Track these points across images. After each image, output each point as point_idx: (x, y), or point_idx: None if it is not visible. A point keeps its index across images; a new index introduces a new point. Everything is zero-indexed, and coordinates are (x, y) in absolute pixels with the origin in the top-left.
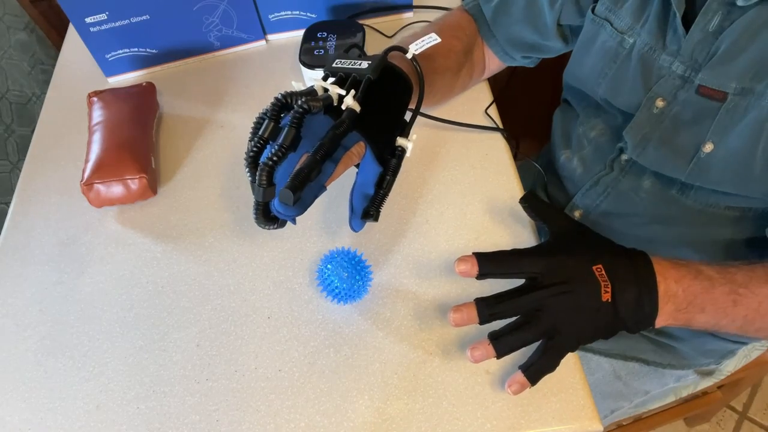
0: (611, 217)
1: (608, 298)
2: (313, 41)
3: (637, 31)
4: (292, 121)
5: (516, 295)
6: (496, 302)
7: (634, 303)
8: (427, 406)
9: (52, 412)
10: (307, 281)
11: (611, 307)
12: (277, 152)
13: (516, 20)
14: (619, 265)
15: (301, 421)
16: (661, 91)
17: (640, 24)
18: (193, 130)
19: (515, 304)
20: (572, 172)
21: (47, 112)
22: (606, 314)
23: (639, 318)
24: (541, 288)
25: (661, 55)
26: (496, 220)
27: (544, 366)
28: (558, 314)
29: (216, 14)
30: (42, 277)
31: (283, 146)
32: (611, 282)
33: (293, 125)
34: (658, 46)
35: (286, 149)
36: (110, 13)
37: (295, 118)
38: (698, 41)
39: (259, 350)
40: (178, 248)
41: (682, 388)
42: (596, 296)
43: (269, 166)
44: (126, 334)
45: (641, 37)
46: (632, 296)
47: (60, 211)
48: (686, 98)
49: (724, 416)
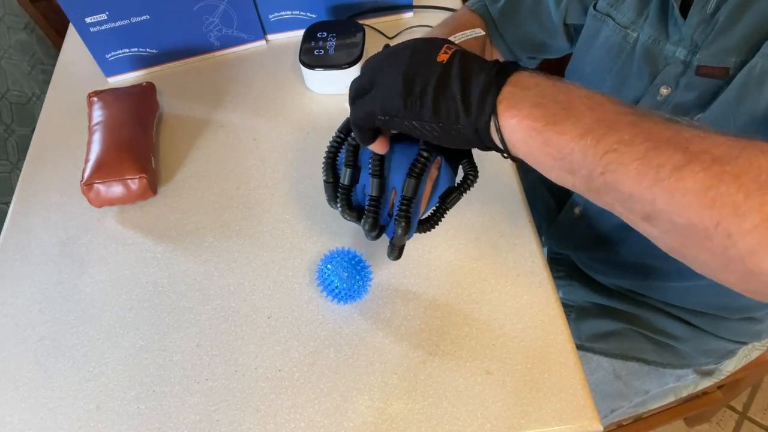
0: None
1: (444, 60)
2: (313, 41)
3: (640, 24)
4: (373, 171)
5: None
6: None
7: (474, 71)
8: (427, 406)
9: (52, 412)
10: (307, 281)
11: (442, 67)
12: (372, 206)
13: (523, 20)
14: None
15: (301, 421)
16: (665, 78)
17: (643, 18)
18: (193, 130)
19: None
20: None
21: (47, 112)
22: (434, 72)
23: (471, 81)
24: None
25: (665, 46)
26: (496, 220)
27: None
28: (381, 62)
29: (216, 14)
30: (42, 277)
31: (374, 198)
32: (455, 50)
33: (376, 174)
34: (662, 38)
35: (378, 198)
36: (110, 13)
37: (376, 168)
38: (697, 24)
39: (259, 350)
40: (178, 248)
41: (682, 388)
42: (432, 54)
43: (371, 218)
44: (126, 334)
45: (644, 30)
46: (475, 66)
47: (60, 211)
48: (688, 82)
49: (724, 416)
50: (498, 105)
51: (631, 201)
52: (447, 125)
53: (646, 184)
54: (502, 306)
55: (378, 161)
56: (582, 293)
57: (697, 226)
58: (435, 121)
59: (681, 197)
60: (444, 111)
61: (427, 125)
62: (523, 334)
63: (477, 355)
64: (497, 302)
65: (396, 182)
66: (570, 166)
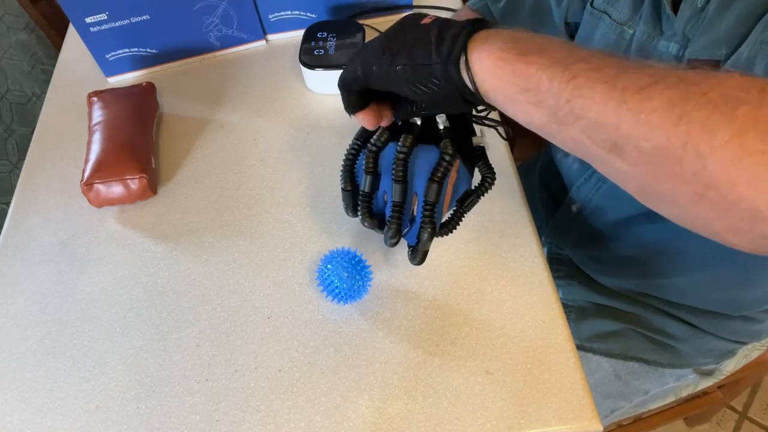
0: (605, 211)
1: (427, 22)
2: (313, 41)
3: (635, 21)
4: (396, 176)
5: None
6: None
7: (451, 23)
8: (427, 406)
9: (52, 412)
10: (307, 281)
11: (424, 26)
12: (395, 212)
13: (524, 20)
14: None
15: (301, 421)
16: None
17: (638, 15)
18: (193, 130)
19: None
20: (569, 167)
21: (47, 112)
22: (415, 29)
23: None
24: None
25: (659, 42)
26: (496, 220)
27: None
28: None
29: (216, 14)
30: (42, 277)
31: (398, 204)
32: (437, 17)
33: (399, 180)
34: (656, 34)
35: (402, 203)
36: (110, 13)
37: (400, 173)
38: (688, 18)
39: (259, 350)
40: (178, 248)
41: (682, 388)
42: (417, 20)
43: (395, 224)
44: (126, 334)
45: (640, 27)
46: (453, 21)
47: (60, 211)
48: None
49: (724, 416)
50: (470, 43)
51: (597, 128)
52: (418, 70)
53: (612, 106)
54: (502, 306)
55: (402, 166)
56: (582, 293)
57: (666, 148)
58: (408, 63)
59: (646, 117)
60: (417, 53)
61: (401, 72)
62: (523, 334)
63: (477, 355)
64: (497, 302)
65: (418, 187)
66: (537, 98)
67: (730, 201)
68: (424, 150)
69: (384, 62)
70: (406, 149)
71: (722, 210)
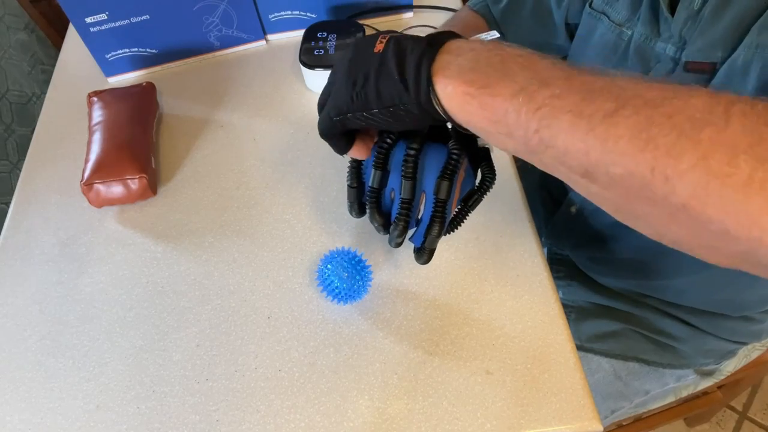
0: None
1: (380, 49)
2: (313, 41)
3: (633, 23)
4: (406, 173)
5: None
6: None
7: (408, 50)
8: (427, 406)
9: (52, 412)
10: (307, 281)
11: (379, 56)
12: (404, 210)
13: (525, 21)
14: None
15: (301, 421)
16: (656, 76)
17: (637, 16)
18: (193, 130)
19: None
20: None
21: (47, 112)
22: (372, 62)
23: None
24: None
25: (657, 43)
26: (496, 220)
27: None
28: (336, 69)
29: (216, 14)
30: (42, 277)
31: (407, 201)
32: (389, 37)
33: (408, 177)
34: (653, 35)
35: (410, 201)
36: (110, 13)
37: (409, 170)
38: (685, 20)
39: (259, 350)
40: (178, 248)
41: (682, 388)
42: (370, 48)
43: (402, 223)
44: (126, 334)
45: (638, 28)
46: (408, 44)
47: (60, 211)
48: (678, 78)
49: (724, 416)
50: (433, 75)
51: (568, 156)
52: (394, 108)
53: (579, 135)
54: (502, 306)
55: (412, 163)
56: (582, 293)
57: (634, 173)
58: (381, 106)
59: (613, 144)
60: (387, 95)
61: (378, 114)
62: (523, 334)
63: (477, 355)
64: (497, 302)
65: (427, 185)
66: (507, 129)
67: (701, 222)
68: (432, 148)
69: (356, 107)
70: (417, 146)
71: (694, 230)
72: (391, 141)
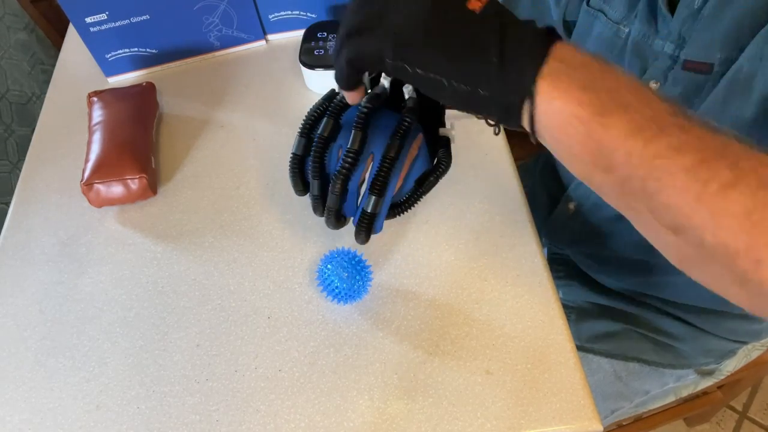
0: (601, 208)
1: (477, 8)
2: (313, 41)
3: (631, 20)
4: (357, 123)
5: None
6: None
7: (512, 31)
8: (427, 406)
9: (52, 412)
10: (307, 281)
11: (476, 17)
12: (348, 159)
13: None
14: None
15: (301, 421)
16: (654, 73)
17: (634, 13)
18: (193, 130)
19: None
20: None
21: (47, 112)
22: (465, 18)
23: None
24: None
25: (655, 41)
26: (495, 220)
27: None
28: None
29: (216, 14)
30: (42, 277)
31: (353, 151)
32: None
33: (359, 127)
34: (651, 32)
35: (356, 154)
36: (110, 13)
37: (360, 120)
38: (684, 19)
39: (259, 350)
40: (178, 248)
41: (682, 388)
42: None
43: (344, 174)
44: (126, 334)
45: (635, 25)
46: (513, 24)
47: (60, 211)
48: (675, 76)
49: (724, 416)
50: (540, 80)
51: (666, 211)
52: (472, 89)
53: (689, 198)
54: (502, 306)
55: (364, 117)
56: (582, 294)
57: (728, 247)
58: (456, 79)
59: (721, 218)
60: (470, 73)
61: (445, 81)
62: (523, 334)
63: (477, 355)
64: (497, 302)
65: (375, 147)
66: (607, 164)
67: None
68: (387, 115)
69: (422, 61)
70: (371, 105)
71: (758, 296)
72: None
